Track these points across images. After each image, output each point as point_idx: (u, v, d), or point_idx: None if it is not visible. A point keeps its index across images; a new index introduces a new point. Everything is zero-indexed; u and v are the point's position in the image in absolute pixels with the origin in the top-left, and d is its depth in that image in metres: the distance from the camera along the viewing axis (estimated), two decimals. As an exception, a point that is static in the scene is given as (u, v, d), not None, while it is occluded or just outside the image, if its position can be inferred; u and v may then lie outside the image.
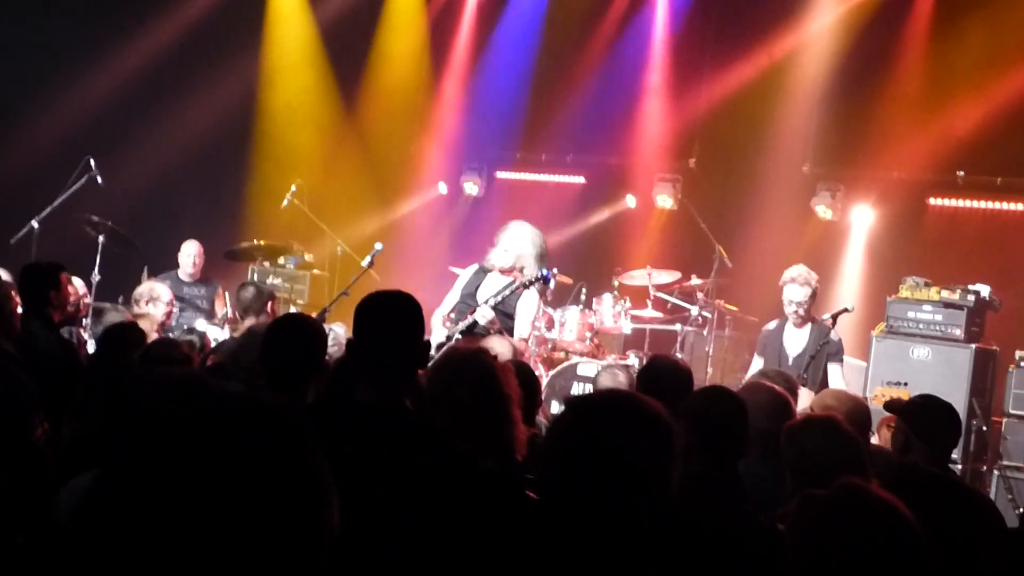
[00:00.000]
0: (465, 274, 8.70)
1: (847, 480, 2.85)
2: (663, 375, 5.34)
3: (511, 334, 8.18)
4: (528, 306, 8.35)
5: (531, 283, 8.29)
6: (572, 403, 2.89)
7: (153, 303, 8.89)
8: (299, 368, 4.27)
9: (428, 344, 3.90)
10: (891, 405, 5.59)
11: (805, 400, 6.00)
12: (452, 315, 8.45)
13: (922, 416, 5.20)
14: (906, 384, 8.90)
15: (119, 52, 13.17)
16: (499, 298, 8.19)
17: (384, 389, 3.68)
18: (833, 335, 9.01)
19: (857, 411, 5.63)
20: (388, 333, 3.79)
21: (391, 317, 3.86)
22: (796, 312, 9.08)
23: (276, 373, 4.27)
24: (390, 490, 3.28)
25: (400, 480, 3.27)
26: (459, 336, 8.05)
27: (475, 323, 8.06)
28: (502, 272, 8.48)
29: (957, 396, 8.93)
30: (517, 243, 8.38)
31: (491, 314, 8.03)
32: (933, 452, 5.08)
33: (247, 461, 1.79)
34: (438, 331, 8.35)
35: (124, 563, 1.78)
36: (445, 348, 8.01)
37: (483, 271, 8.57)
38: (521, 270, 8.41)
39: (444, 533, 3.21)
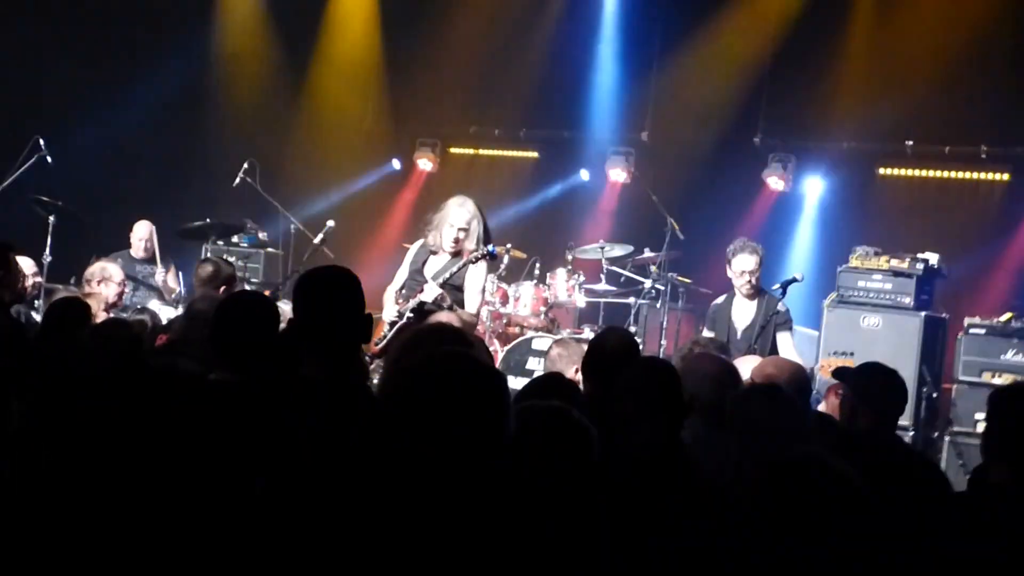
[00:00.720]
0: (412, 249, 8.63)
1: (806, 449, 2.92)
2: (609, 350, 5.36)
3: (462, 306, 8.14)
4: (476, 280, 8.29)
5: (477, 260, 8.25)
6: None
7: (105, 283, 8.80)
8: (250, 346, 4.27)
9: (370, 317, 3.92)
10: (838, 372, 5.65)
11: (748, 368, 6.04)
12: (403, 291, 8.41)
13: (866, 382, 5.25)
14: (852, 354, 8.95)
15: (67, 29, 13.02)
16: (447, 274, 8.15)
17: (328, 363, 3.70)
18: (781, 306, 8.95)
19: (797, 377, 5.68)
20: (327, 308, 3.81)
21: (329, 292, 3.88)
22: (749, 282, 9.00)
23: (227, 351, 4.26)
24: (340, 463, 3.29)
25: (344, 453, 3.29)
26: (410, 315, 8.02)
27: (423, 302, 8.04)
28: (453, 254, 8.39)
29: (907, 364, 9.05)
30: (460, 220, 8.31)
31: (438, 291, 7.99)
32: (879, 418, 5.14)
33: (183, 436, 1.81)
34: (389, 308, 8.30)
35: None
36: (397, 327, 8.00)
37: (428, 248, 8.50)
38: (480, 252, 8.34)
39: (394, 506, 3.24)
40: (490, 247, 8.34)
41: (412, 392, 2.77)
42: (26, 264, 9.20)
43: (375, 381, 5.92)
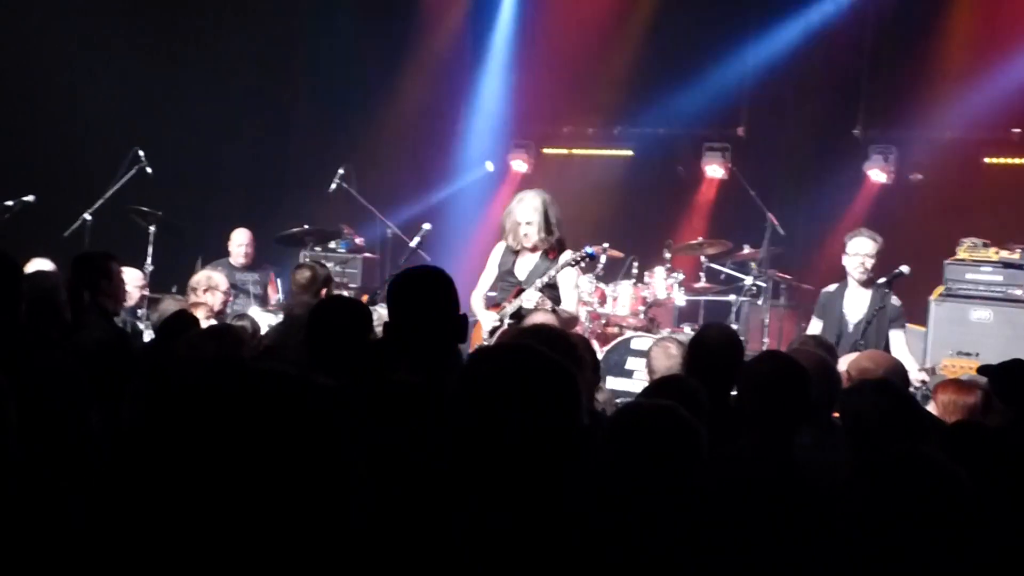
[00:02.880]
0: (496, 251, 8.59)
1: (905, 446, 2.80)
2: (712, 346, 5.26)
3: (558, 303, 8.09)
4: (570, 285, 8.25)
5: (576, 263, 8.20)
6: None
7: (211, 292, 8.89)
8: (344, 350, 4.25)
9: (465, 318, 3.85)
10: (983, 369, 5.49)
11: (842, 364, 5.89)
12: (492, 294, 8.37)
13: (1007, 377, 5.10)
14: (977, 355, 8.59)
15: (162, 42, 13.21)
16: (547, 279, 8.10)
17: (423, 366, 3.64)
18: (894, 300, 8.73)
19: (894, 372, 5.54)
20: (420, 309, 3.76)
21: (421, 292, 3.83)
22: (863, 265, 8.74)
23: (322, 355, 4.25)
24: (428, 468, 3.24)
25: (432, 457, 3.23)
26: (509, 320, 7.99)
27: (521, 307, 7.99)
28: (533, 250, 8.35)
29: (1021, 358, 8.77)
30: (523, 216, 8.29)
31: (538, 296, 7.94)
32: (1014, 415, 4.98)
33: (268, 438, 1.76)
34: (483, 314, 8.26)
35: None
36: (499, 333, 7.96)
37: (511, 248, 8.46)
38: (550, 242, 8.28)
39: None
40: (588, 249, 8.31)
41: (465, 391, 2.60)
42: (134, 276, 9.36)
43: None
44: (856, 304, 8.87)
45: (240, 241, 11.38)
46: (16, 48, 12.28)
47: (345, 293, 11.24)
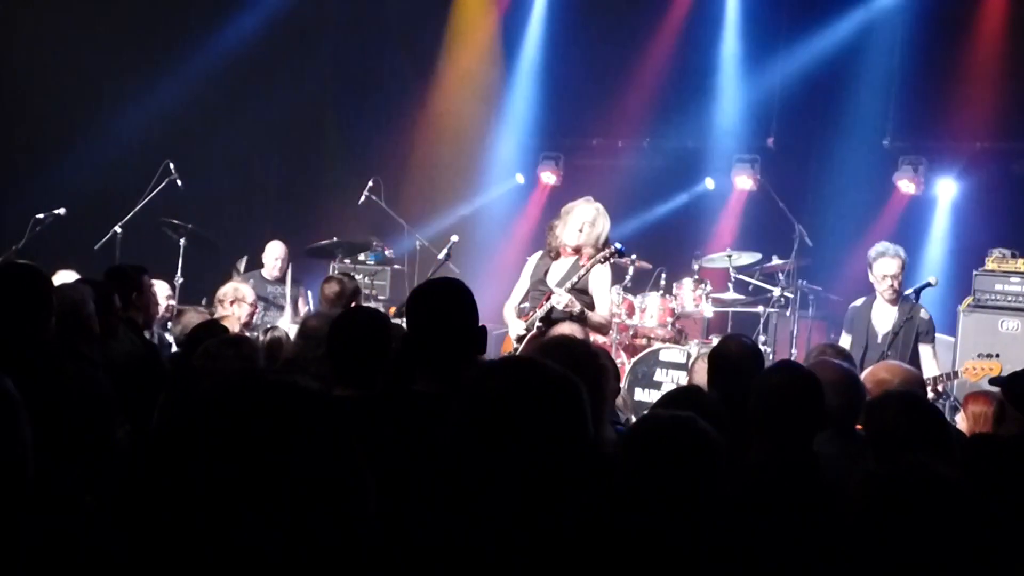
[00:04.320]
0: (531, 261, 8.61)
1: (911, 457, 2.80)
2: (732, 357, 5.26)
3: (591, 309, 8.08)
4: (601, 281, 8.21)
5: (605, 259, 8.19)
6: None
7: (238, 303, 8.94)
8: (365, 361, 4.28)
9: (484, 329, 3.87)
10: (995, 381, 5.47)
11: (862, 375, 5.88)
12: (524, 305, 8.36)
13: (1019, 385, 5.08)
14: (998, 355, 8.65)
15: (192, 55, 13.31)
16: (574, 278, 8.08)
17: (440, 377, 3.67)
18: (923, 312, 8.72)
19: (911, 383, 5.53)
20: (438, 320, 3.78)
21: (439, 304, 3.86)
22: (892, 287, 8.76)
23: (343, 367, 4.28)
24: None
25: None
26: (539, 324, 7.98)
27: (552, 308, 7.97)
28: (572, 252, 8.33)
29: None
30: (587, 221, 8.28)
31: (567, 297, 7.90)
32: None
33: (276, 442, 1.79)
34: (513, 323, 8.27)
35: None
36: (527, 339, 7.97)
37: (548, 256, 8.46)
38: (589, 248, 8.27)
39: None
40: (617, 245, 8.29)
41: (465, 406, 2.59)
42: (162, 288, 9.42)
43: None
44: (884, 317, 8.88)
45: (275, 255, 11.43)
46: (48, 62, 12.42)
47: (374, 305, 11.29)
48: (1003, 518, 2.75)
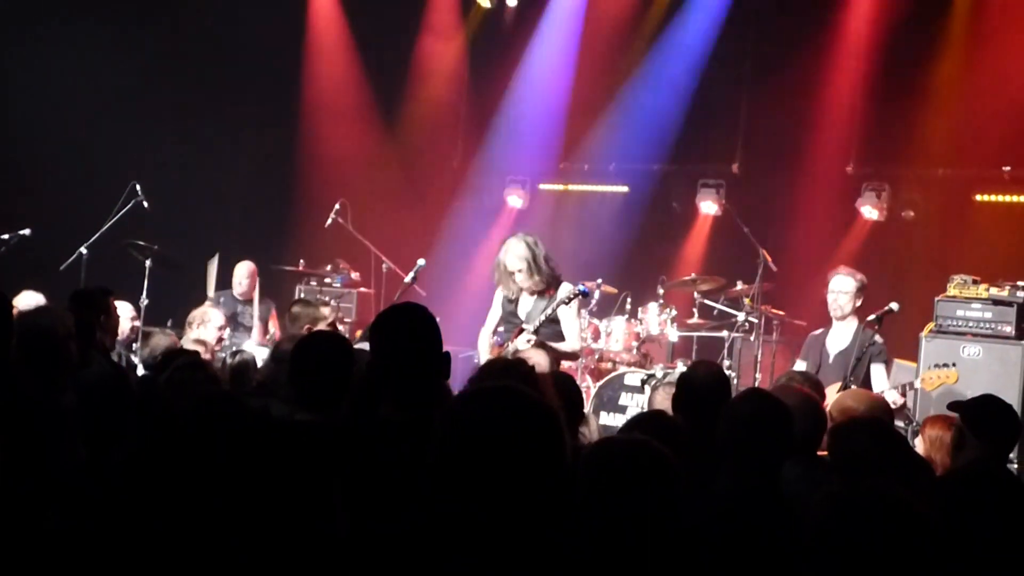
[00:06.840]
0: (500, 291, 8.74)
1: (869, 480, 2.86)
2: (699, 384, 5.30)
3: (560, 338, 8.24)
4: (570, 315, 8.40)
5: (570, 300, 8.33)
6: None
7: (203, 326, 8.96)
8: (327, 386, 4.28)
9: (448, 355, 3.88)
10: (953, 406, 5.55)
11: (828, 401, 5.96)
12: (500, 329, 8.50)
13: (980, 413, 5.16)
14: (954, 365, 8.84)
15: (161, 78, 13.31)
16: (542, 317, 8.26)
17: (405, 402, 3.68)
18: (877, 337, 8.87)
19: (878, 409, 5.60)
20: (401, 345, 3.79)
21: (402, 329, 3.87)
22: (836, 301, 8.99)
23: (305, 391, 4.29)
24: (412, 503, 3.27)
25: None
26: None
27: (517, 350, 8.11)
28: (530, 293, 8.53)
29: (1010, 394, 8.81)
30: (513, 266, 8.44)
31: (529, 342, 8.09)
32: (988, 450, 5.03)
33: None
34: (485, 353, 8.41)
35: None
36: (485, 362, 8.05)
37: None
38: (545, 282, 8.43)
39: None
40: (581, 287, 8.45)
41: (449, 432, 2.60)
42: (125, 309, 9.38)
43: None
44: (838, 338, 9.10)
45: (242, 274, 11.43)
46: (12, 81, 12.38)
47: (340, 328, 11.28)
48: (963, 542, 2.80)
